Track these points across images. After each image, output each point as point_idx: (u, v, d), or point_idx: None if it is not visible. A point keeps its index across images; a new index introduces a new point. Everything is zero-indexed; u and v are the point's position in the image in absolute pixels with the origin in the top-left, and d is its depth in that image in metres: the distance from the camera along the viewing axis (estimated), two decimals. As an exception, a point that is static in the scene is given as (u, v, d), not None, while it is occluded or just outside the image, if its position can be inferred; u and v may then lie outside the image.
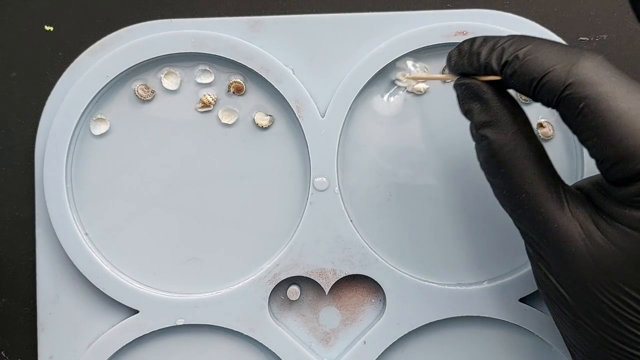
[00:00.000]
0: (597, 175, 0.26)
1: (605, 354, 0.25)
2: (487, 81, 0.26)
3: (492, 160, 0.25)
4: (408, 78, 0.33)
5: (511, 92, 0.27)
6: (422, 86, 0.33)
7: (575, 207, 0.25)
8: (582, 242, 0.24)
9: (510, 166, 0.25)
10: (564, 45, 0.25)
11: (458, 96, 0.27)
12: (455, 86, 0.27)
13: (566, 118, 0.24)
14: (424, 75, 0.32)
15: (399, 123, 0.33)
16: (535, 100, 0.25)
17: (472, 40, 0.26)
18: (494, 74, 0.25)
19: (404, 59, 0.33)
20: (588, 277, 0.24)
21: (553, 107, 0.25)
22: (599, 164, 0.24)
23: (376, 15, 0.33)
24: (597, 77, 0.23)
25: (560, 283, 0.25)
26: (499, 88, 0.26)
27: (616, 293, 0.24)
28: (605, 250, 0.24)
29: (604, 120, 0.23)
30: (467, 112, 0.26)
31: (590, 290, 0.24)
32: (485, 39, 0.26)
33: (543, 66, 0.24)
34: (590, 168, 0.32)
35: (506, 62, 0.25)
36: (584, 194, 0.26)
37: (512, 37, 0.25)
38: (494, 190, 0.27)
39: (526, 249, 0.27)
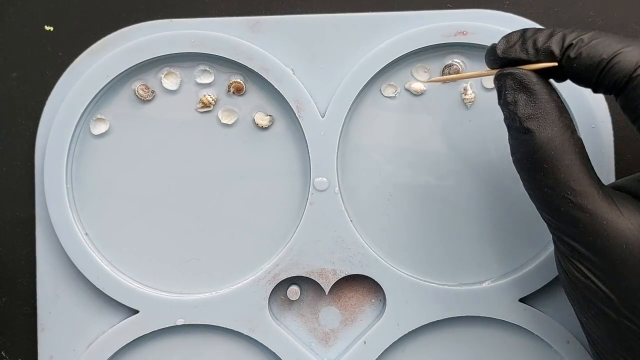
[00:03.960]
0: (639, 174, 0.26)
1: None
2: (536, 72, 0.25)
3: (535, 155, 0.25)
4: (430, 81, 0.32)
5: None
6: (419, 87, 0.33)
7: (622, 204, 0.25)
8: (634, 238, 0.24)
9: (556, 162, 0.24)
10: (623, 35, 0.25)
11: (500, 87, 0.26)
12: (500, 76, 0.26)
13: (632, 101, 0.24)
14: (456, 75, 0.31)
15: (399, 123, 0.33)
16: (596, 85, 0.25)
17: (523, 30, 0.26)
18: (551, 60, 0.25)
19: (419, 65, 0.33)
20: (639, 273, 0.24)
21: (616, 91, 0.24)
22: None
23: (376, 15, 0.33)
24: None
25: (604, 281, 0.25)
26: (545, 81, 0.25)
27: None
28: None
29: None
30: (510, 104, 0.26)
31: None
32: (538, 29, 0.26)
33: (612, 47, 0.24)
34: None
35: (570, 44, 0.25)
36: (627, 192, 0.26)
37: (566, 29, 0.25)
38: (531, 187, 0.26)
39: (558, 249, 0.26)
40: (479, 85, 0.33)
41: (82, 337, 0.34)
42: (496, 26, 0.32)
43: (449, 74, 0.33)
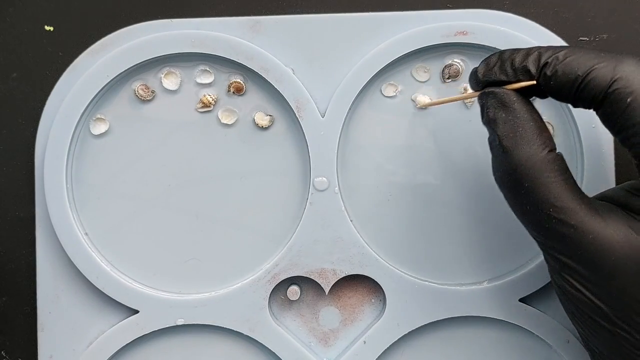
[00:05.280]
0: (627, 183, 0.26)
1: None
2: (516, 91, 0.26)
3: (514, 173, 0.25)
4: (426, 105, 0.33)
5: None
6: (425, 101, 0.33)
7: (607, 216, 0.24)
8: (622, 250, 0.24)
9: (535, 180, 0.25)
10: (599, 50, 0.25)
11: (482, 106, 0.27)
12: (482, 95, 0.27)
13: (610, 115, 0.24)
14: (444, 99, 0.31)
15: (399, 123, 0.33)
16: (575, 101, 0.25)
17: (500, 52, 0.26)
18: (529, 78, 0.25)
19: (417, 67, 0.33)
20: (630, 283, 0.24)
21: (594, 107, 0.25)
22: None
23: (376, 15, 0.33)
24: None
25: (596, 293, 0.25)
26: (525, 100, 0.26)
27: None
28: None
29: None
30: (490, 122, 0.26)
31: (633, 296, 0.24)
32: (515, 49, 0.26)
33: (586, 64, 0.24)
34: (590, 171, 0.32)
35: (546, 63, 0.25)
36: (612, 202, 0.26)
37: (542, 46, 0.26)
38: (514, 206, 0.26)
39: (549, 263, 0.26)
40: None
41: (82, 337, 0.34)
42: (496, 26, 0.32)
43: (449, 74, 0.33)
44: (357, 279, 0.34)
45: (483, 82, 0.26)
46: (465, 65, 0.33)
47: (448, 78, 0.33)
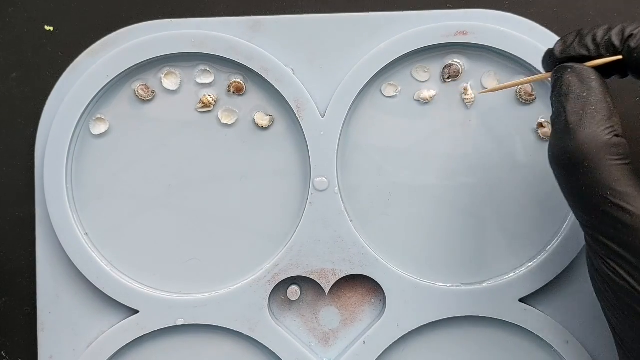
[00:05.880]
0: None
1: None
2: (595, 68, 0.25)
3: (576, 151, 0.24)
4: (487, 91, 0.31)
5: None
6: (428, 95, 0.33)
7: None
8: None
9: (597, 160, 0.24)
10: None
11: (557, 79, 0.26)
12: (559, 69, 0.26)
13: None
14: (509, 83, 0.30)
15: (399, 123, 0.33)
16: None
17: (578, 30, 0.26)
18: (613, 53, 0.25)
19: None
20: None
21: None
22: None
23: (376, 15, 0.33)
24: None
25: None
26: (603, 81, 0.25)
27: None
28: None
29: None
30: (562, 96, 0.25)
31: None
32: (593, 27, 0.25)
33: None
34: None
35: (630, 35, 0.24)
36: None
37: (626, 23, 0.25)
38: (566, 185, 0.25)
39: (591, 248, 0.26)
40: (479, 85, 0.33)
41: (82, 337, 0.34)
42: (496, 26, 0.32)
43: (449, 74, 0.33)
44: (357, 279, 0.34)
45: (561, 60, 0.26)
46: (465, 65, 0.33)
47: (448, 78, 0.33)
